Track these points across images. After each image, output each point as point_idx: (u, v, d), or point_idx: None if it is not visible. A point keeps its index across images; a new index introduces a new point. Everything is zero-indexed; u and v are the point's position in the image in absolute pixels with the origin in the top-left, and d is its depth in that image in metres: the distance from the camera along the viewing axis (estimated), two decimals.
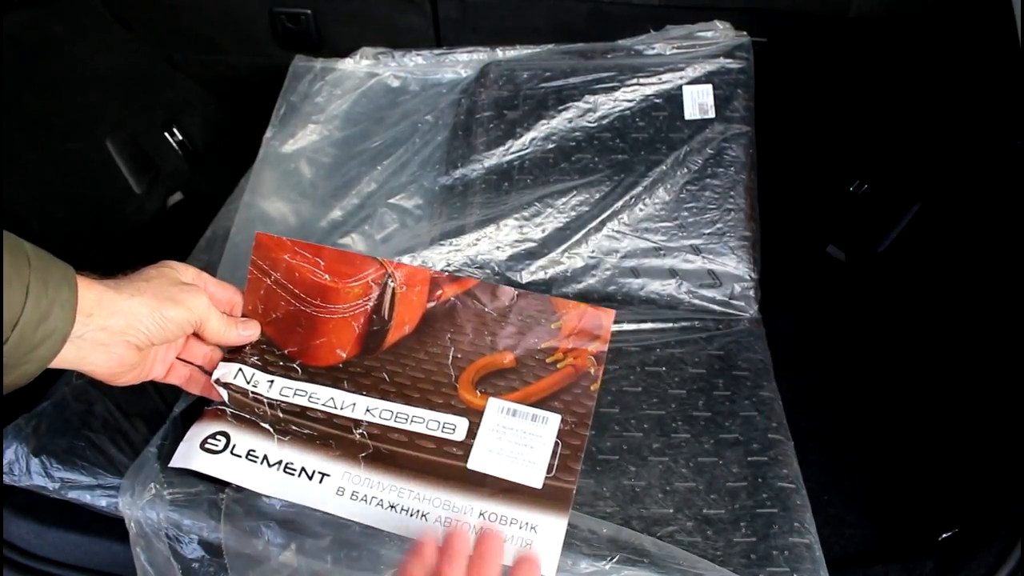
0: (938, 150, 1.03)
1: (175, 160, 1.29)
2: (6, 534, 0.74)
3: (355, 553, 0.56)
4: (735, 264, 0.84)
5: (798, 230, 1.19)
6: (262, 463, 0.57)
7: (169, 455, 0.59)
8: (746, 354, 0.79)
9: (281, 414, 0.59)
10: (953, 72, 1.02)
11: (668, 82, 0.89)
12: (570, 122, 0.89)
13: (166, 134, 1.28)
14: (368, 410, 0.60)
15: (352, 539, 0.56)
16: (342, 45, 1.15)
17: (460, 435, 0.58)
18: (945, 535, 0.73)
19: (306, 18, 1.22)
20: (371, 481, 0.56)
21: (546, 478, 0.56)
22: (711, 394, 0.75)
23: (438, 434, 0.58)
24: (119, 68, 1.23)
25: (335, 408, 0.60)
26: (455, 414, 0.59)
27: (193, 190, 1.33)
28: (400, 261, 0.81)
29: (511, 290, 0.65)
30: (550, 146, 0.89)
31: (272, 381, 0.61)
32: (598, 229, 0.85)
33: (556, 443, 0.57)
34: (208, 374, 0.61)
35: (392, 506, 0.54)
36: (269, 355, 0.63)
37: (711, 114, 0.87)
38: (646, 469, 0.68)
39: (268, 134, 0.95)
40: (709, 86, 0.88)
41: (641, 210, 0.86)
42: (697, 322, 0.82)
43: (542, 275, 0.85)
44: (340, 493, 0.55)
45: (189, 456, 0.58)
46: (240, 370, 0.61)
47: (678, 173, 0.86)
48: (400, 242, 0.85)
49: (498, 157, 0.89)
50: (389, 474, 0.56)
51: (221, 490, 0.58)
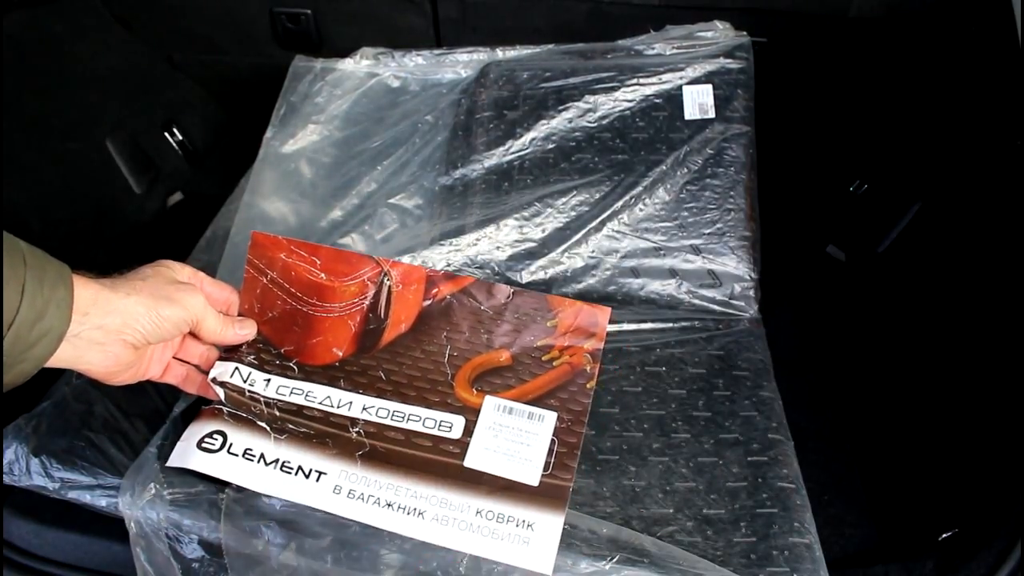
0: (938, 150, 1.03)
1: (175, 160, 1.29)
2: (6, 534, 0.74)
3: (355, 553, 0.56)
4: (735, 264, 0.84)
5: (798, 230, 1.19)
6: (259, 462, 0.57)
7: (169, 455, 0.59)
8: (746, 354, 0.79)
9: (278, 413, 0.59)
10: (953, 72, 1.02)
11: (668, 82, 0.89)
12: (570, 122, 0.89)
13: (166, 134, 1.28)
14: (365, 408, 0.60)
15: (352, 539, 0.56)
16: (342, 45, 1.15)
17: (456, 433, 0.58)
18: (945, 535, 0.73)
19: (306, 18, 1.22)
20: (368, 479, 0.56)
21: (543, 476, 0.56)
22: (711, 394, 0.75)
23: (435, 432, 0.58)
24: (119, 68, 1.23)
25: (332, 407, 0.60)
26: (451, 412, 0.59)
27: (193, 190, 1.33)
28: (397, 260, 0.82)
29: (507, 288, 0.65)
30: (550, 146, 0.89)
31: (269, 380, 0.61)
32: (598, 229, 0.85)
33: (552, 441, 0.57)
34: (205, 373, 0.61)
35: (389, 504, 0.54)
36: (265, 354, 0.63)
37: (711, 114, 0.87)
38: (646, 469, 0.68)
39: (268, 134, 0.95)
40: (709, 86, 0.88)
41: (641, 210, 0.86)
42: (697, 322, 0.82)
43: (542, 275, 0.85)
44: (337, 492, 0.55)
45: (186, 455, 0.58)
46: (237, 369, 0.61)
47: (678, 173, 0.86)
48: (400, 242, 0.85)
49: (498, 157, 0.89)
50: (386, 472, 0.56)
51: (221, 490, 0.58)
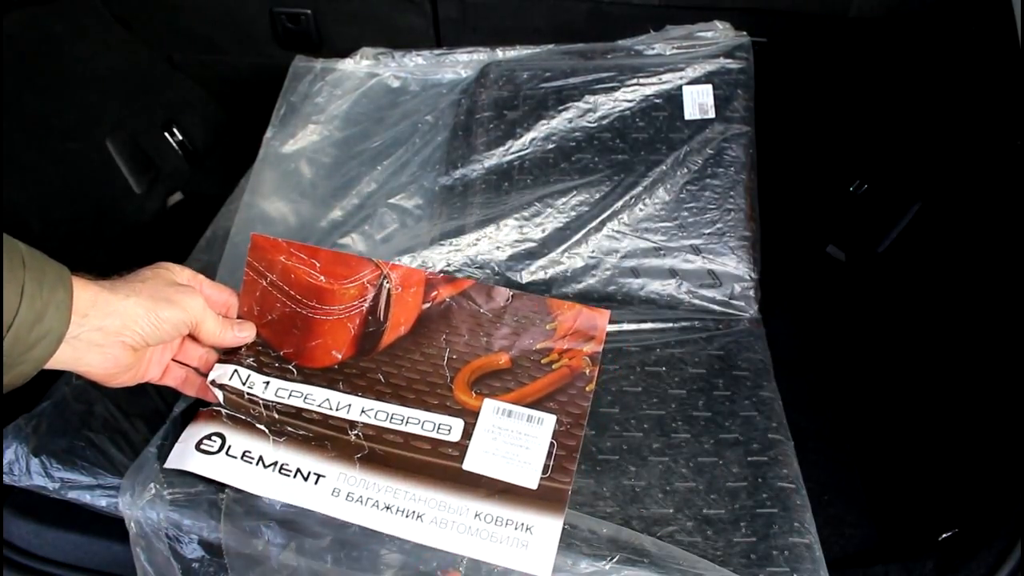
0: (938, 150, 1.03)
1: (175, 160, 1.29)
2: (6, 534, 0.74)
3: (355, 553, 0.56)
4: (735, 264, 0.84)
5: (798, 230, 1.19)
6: (257, 464, 0.57)
7: (168, 455, 0.59)
8: (746, 354, 0.79)
9: (276, 415, 0.59)
10: (953, 72, 1.02)
11: (668, 82, 0.89)
12: (570, 122, 0.89)
13: (166, 134, 1.28)
14: (363, 411, 0.60)
15: (352, 539, 0.56)
16: (342, 45, 1.15)
17: (455, 436, 0.58)
18: (945, 535, 0.73)
19: (306, 18, 1.22)
20: (366, 482, 0.56)
21: (541, 479, 0.56)
22: (711, 394, 0.75)
23: (433, 435, 0.58)
24: (119, 68, 1.23)
25: (331, 409, 0.60)
26: (450, 415, 0.59)
27: (193, 190, 1.33)
28: (398, 262, 0.81)
29: (506, 291, 0.65)
30: (550, 146, 0.89)
31: (268, 382, 0.61)
32: (598, 229, 0.85)
33: (552, 444, 0.57)
34: (204, 376, 0.61)
35: (387, 507, 0.54)
36: (265, 356, 0.62)
37: (711, 114, 0.87)
38: (646, 469, 0.68)
39: (268, 134, 0.95)
40: (709, 86, 0.88)
41: (641, 210, 0.86)
42: (697, 322, 0.82)
43: (542, 275, 0.85)
44: (335, 494, 0.55)
45: (184, 457, 0.58)
46: (236, 371, 0.61)
47: (678, 173, 0.86)
48: (400, 242, 0.85)
49: (498, 157, 0.89)
50: (384, 475, 0.56)
51: (221, 490, 0.58)
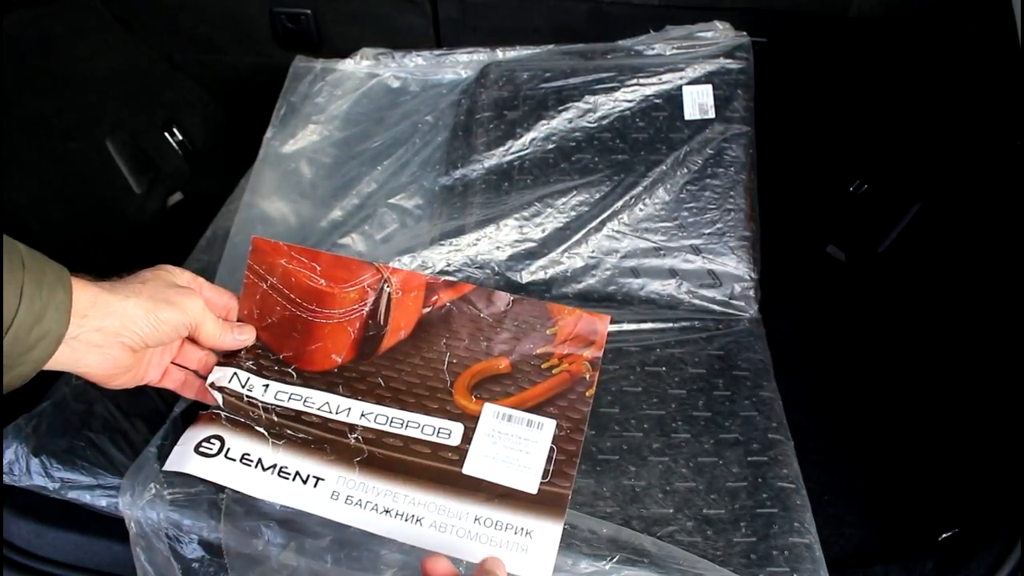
0: (938, 150, 1.03)
1: (175, 160, 1.29)
2: (6, 534, 0.74)
3: (355, 553, 0.56)
4: (735, 264, 0.84)
5: (798, 230, 1.19)
6: (256, 467, 0.57)
7: (169, 456, 0.59)
8: (746, 354, 0.79)
9: (276, 418, 0.59)
10: (953, 72, 1.02)
11: (668, 82, 0.89)
12: (570, 122, 0.89)
13: (166, 134, 1.28)
14: (363, 415, 0.60)
15: (352, 539, 0.56)
16: (342, 45, 1.15)
17: (455, 440, 0.58)
18: (945, 535, 0.73)
19: (306, 18, 1.22)
20: (365, 486, 0.56)
21: (541, 483, 0.55)
22: (711, 394, 0.75)
23: (433, 439, 0.58)
24: (119, 68, 1.23)
25: (330, 413, 0.60)
26: (450, 419, 0.59)
27: (193, 190, 1.33)
28: (398, 264, 0.82)
29: (507, 295, 0.64)
30: (550, 146, 0.89)
31: (267, 385, 0.61)
32: (598, 229, 0.85)
33: (552, 448, 0.57)
34: (203, 379, 0.61)
35: (387, 511, 0.54)
36: (264, 360, 0.62)
37: (711, 114, 0.87)
38: (646, 469, 0.69)
39: (268, 134, 0.95)
40: (709, 86, 0.88)
41: (641, 210, 0.86)
42: (697, 322, 0.82)
43: (542, 275, 0.85)
44: (335, 497, 0.55)
45: (183, 459, 0.57)
46: (235, 374, 0.61)
47: (678, 173, 0.86)
48: (400, 242, 0.85)
49: (498, 157, 0.89)
50: (384, 479, 0.56)
51: (221, 490, 0.58)
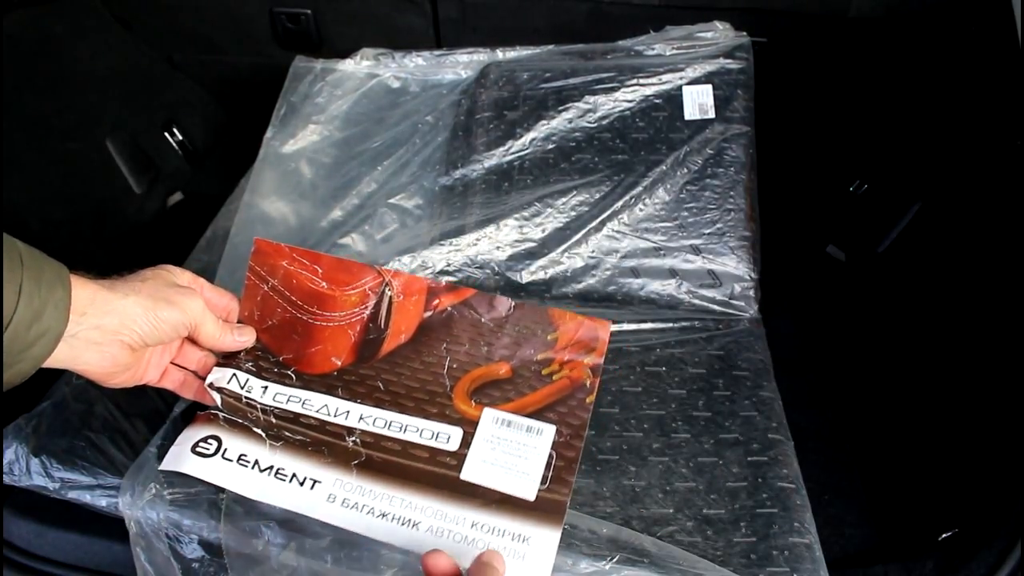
0: (938, 150, 1.03)
1: (175, 160, 1.29)
2: (6, 534, 0.74)
3: (355, 553, 0.56)
4: (735, 264, 0.84)
5: (798, 230, 1.19)
6: (253, 468, 0.56)
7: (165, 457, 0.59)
8: (746, 354, 0.79)
9: (274, 420, 0.59)
10: (953, 72, 1.02)
11: (668, 82, 0.89)
12: (570, 122, 0.89)
13: (166, 134, 1.28)
14: (362, 418, 0.59)
15: (352, 539, 0.56)
16: (342, 45, 1.15)
17: (454, 445, 0.58)
18: (945, 535, 0.73)
19: (306, 18, 1.22)
20: (363, 489, 0.55)
21: (540, 490, 0.55)
22: (711, 394, 0.75)
23: (432, 443, 0.58)
24: (119, 68, 1.23)
25: (328, 415, 0.60)
26: (449, 424, 0.59)
27: (193, 190, 1.33)
28: (398, 264, 0.81)
29: (508, 301, 0.64)
30: (550, 146, 0.89)
31: (266, 387, 0.61)
32: (598, 229, 0.85)
33: (550, 454, 0.57)
34: (202, 379, 0.61)
35: (383, 514, 0.54)
36: (264, 361, 0.62)
37: (711, 114, 0.87)
38: (646, 469, 0.69)
39: (268, 134, 0.95)
40: (709, 86, 0.88)
41: (641, 210, 0.86)
42: (697, 322, 0.82)
43: (542, 275, 0.85)
44: (331, 500, 0.55)
45: (180, 459, 0.57)
46: (234, 375, 0.61)
47: (678, 173, 0.86)
48: (400, 242, 0.85)
49: (498, 157, 0.89)
50: (381, 482, 0.56)
51: (221, 490, 0.58)
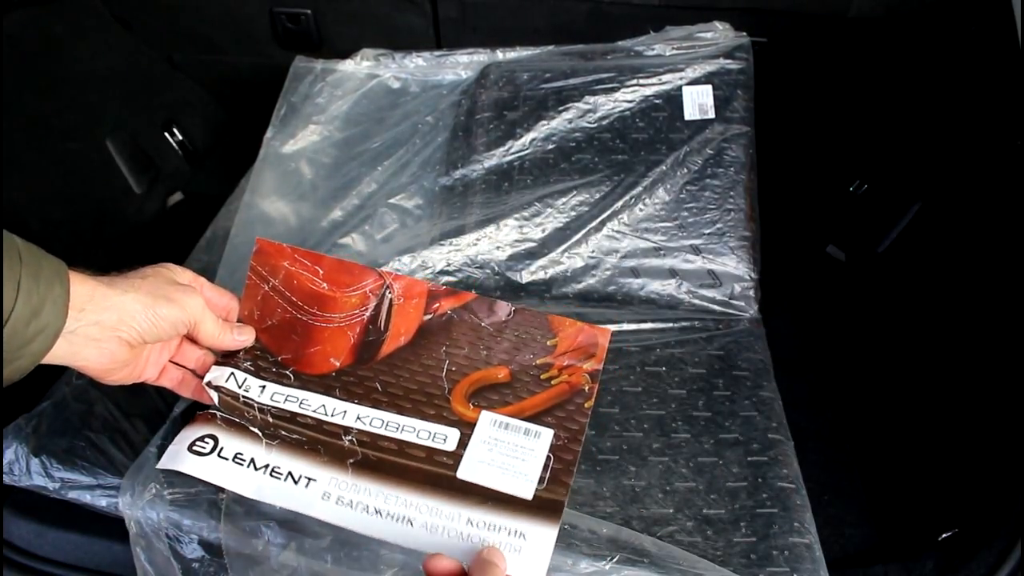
0: (938, 150, 1.03)
1: (175, 160, 1.29)
2: (6, 534, 0.74)
3: (355, 553, 0.56)
4: (735, 264, 0.84)
5: (798, 230, 1.19)
6: (249, 466, 0.57)
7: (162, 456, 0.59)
8: (746, 354, 0.79)
9: (271, 419, 0.59)
10: (953, 72, 1.02)
11: (668, 83, 0.89)
12: (570, 123, 0.89)
13: (166, 134, 1.28)
14: (359, 418, 0.59)
15: (352, 539, 0.56)
16: (342, 45, 1.15)
17: (451, 445, 0.58)
18: (945, 535, 0.73)
19: (306, 18, 1.22)
20: (358, 487, 0.55)
21: (537, 490, 0.55)
22: (711, 394, 0.75)
23: (428, 443, 0.58)
24: (119, 68, 1.23)
25: (325, 415, 0.60)
26: (447, 425, 0.59)
27: (193, 190, 1.33)
28: (398, 264, 0.82)
29: (508, 305, 0.65)
30: (550, 146, 0.89)
31: (264, 386, 0.61)
32: (598, 229, 0.85)
33: (548, 457, 0.57)
34: (200, 378, 0.61)
35: (378, 512, 0.54)
36: (262, 361, 0.62)
37: (711, 114, 0.87)
38: (646, 469, 0.69)
39: (268, 134, 0.95)
40: (709, 86, 0.88)
41: (641, 210, 0.86)
42: (697, 322, 0.82)
43: (542, 275, 0.85)
44: (326, 498, 0.55)
45: (177, 458, 0.57)
46: (232, 374, 0.61)
47: (678, 173, 0.86)
48: (400, 242, 0.85)
49: (498, 157, 0.89)
50: (377, 481, 0.56)
51: (221, 490, 0.58)
